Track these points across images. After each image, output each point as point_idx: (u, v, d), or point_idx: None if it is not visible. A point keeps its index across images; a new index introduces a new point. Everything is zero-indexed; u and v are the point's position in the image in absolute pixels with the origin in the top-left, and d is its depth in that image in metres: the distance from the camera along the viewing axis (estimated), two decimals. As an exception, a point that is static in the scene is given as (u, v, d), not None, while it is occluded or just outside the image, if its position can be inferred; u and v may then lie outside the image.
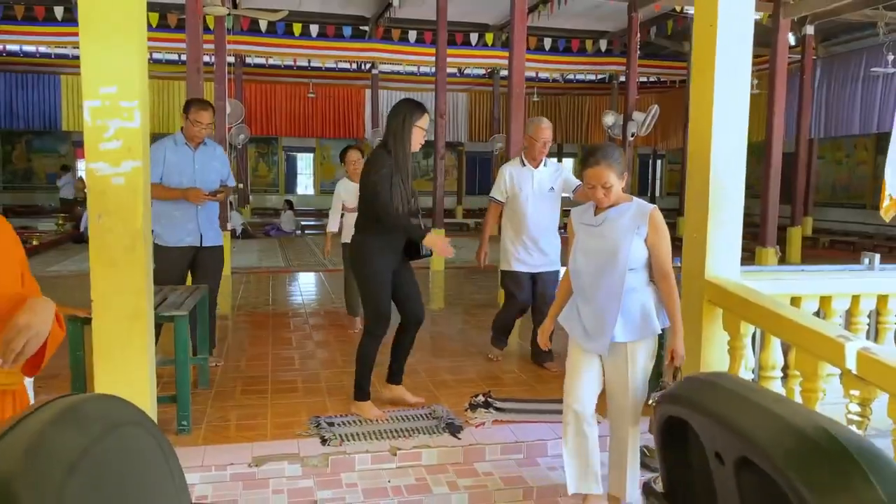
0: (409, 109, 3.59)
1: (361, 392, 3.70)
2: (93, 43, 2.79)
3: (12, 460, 0.64)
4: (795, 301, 3.66)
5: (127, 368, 2.90)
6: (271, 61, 14.33)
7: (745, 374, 3.47)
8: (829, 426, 0.75)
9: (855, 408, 2.81)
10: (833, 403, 3.15)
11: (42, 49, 13.47)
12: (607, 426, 3.01)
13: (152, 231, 4.33)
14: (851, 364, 2.78)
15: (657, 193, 22.74)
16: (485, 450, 3.36)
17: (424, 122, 3.59)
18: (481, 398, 3.86)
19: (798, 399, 3.23)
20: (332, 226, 5.70)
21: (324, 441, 3.29)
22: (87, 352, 3.03)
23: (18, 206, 17.09)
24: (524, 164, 4.68)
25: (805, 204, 15.05)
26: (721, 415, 0.83)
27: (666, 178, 23.68)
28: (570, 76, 16.12)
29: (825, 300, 3.71)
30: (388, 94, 16.23)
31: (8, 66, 14.53)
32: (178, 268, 4.51)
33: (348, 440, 3.33)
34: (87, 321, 3.16)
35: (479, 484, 3.14)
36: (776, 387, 3.50)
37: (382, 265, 3.60)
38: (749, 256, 8.90)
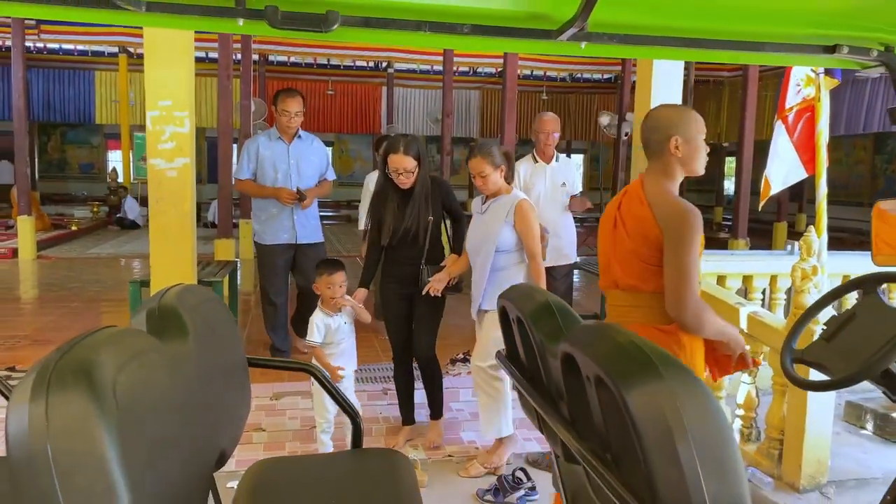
0: (383, 151, 3.43)
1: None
2: (155, 68, 3.62)
3: (175, 298, 1.44)
4: (722, 279, 4.40)
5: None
6: (293, 59, 15.13)
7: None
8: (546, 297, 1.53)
9: (746, 359, 3.57)
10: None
11: (79, 47, 14.38)
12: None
13: (254, 229, 4.53)
14: (744, 324, 3.55)
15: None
16: (458, 392, 4.17)
17: (393, 163, 3.30)
18: (461, 355, 4.65)
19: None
20: (364, 223, 5.03)
21: (329, 383, 4.10)
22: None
23: (54, 195, 18.07)
24: (536, 161, 4.57)
25: (800, 202, 15.63)
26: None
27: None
28: (578, 75, 16.77)
29: (748, 278, 4.45)
30: (403, 91, 17.00)
31: (46, 63, 15.41)
32: (280, 268, 4.32)
33: (349, 383, 4.14)
34: (146, 283, 4.02)
35: (451, 416, 3.94)
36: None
37: (384, 292, 3.68)
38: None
